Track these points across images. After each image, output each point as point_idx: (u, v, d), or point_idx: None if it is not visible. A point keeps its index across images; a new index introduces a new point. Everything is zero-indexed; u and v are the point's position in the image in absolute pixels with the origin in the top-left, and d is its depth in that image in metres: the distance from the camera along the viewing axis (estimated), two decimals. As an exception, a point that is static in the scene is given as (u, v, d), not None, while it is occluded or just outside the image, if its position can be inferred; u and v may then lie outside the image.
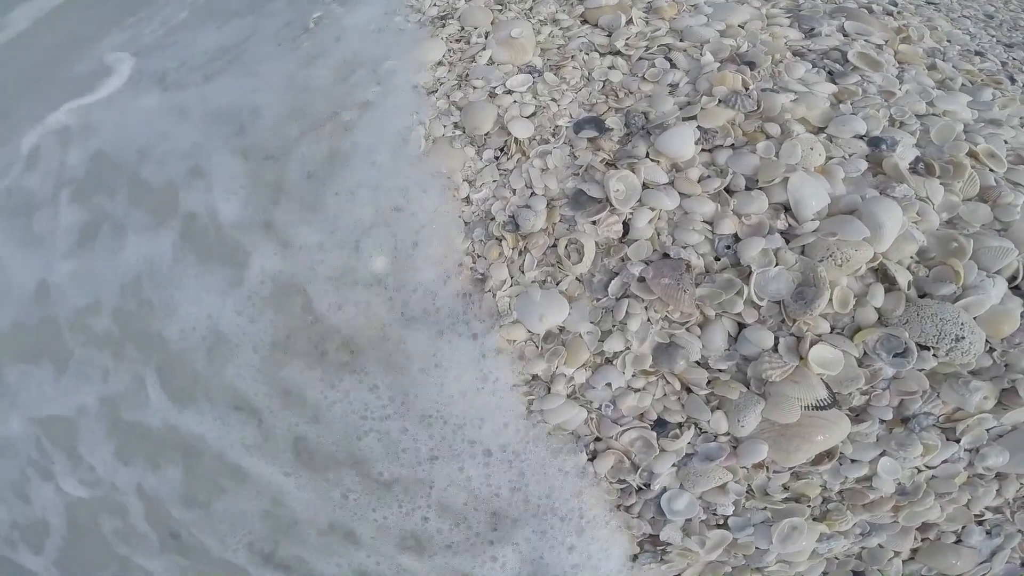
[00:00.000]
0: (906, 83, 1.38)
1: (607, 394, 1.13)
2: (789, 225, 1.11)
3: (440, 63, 1.47)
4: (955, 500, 1.13)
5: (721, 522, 1.15)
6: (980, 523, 1.16)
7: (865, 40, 1.48)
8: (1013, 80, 1.57)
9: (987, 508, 1.15)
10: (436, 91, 1.42)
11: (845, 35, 1.50)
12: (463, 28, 1.53)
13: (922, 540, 1.17)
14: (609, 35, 1.44)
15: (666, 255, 1.13)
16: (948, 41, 1.64)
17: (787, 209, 1.12)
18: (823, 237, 1.06)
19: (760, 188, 1.13)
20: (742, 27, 1.45)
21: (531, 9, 1.55)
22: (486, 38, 1.49)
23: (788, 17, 1.51)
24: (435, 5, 1.61)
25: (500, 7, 1.56)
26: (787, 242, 1.10)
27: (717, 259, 1.12)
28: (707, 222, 1.14)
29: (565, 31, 1.48)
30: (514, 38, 1.43)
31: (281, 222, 1.37)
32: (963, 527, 1.15)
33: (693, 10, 1.48)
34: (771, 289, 1.07)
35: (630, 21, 1.44)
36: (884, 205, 1.07)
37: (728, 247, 1.11)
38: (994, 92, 1.44)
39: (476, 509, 1.22)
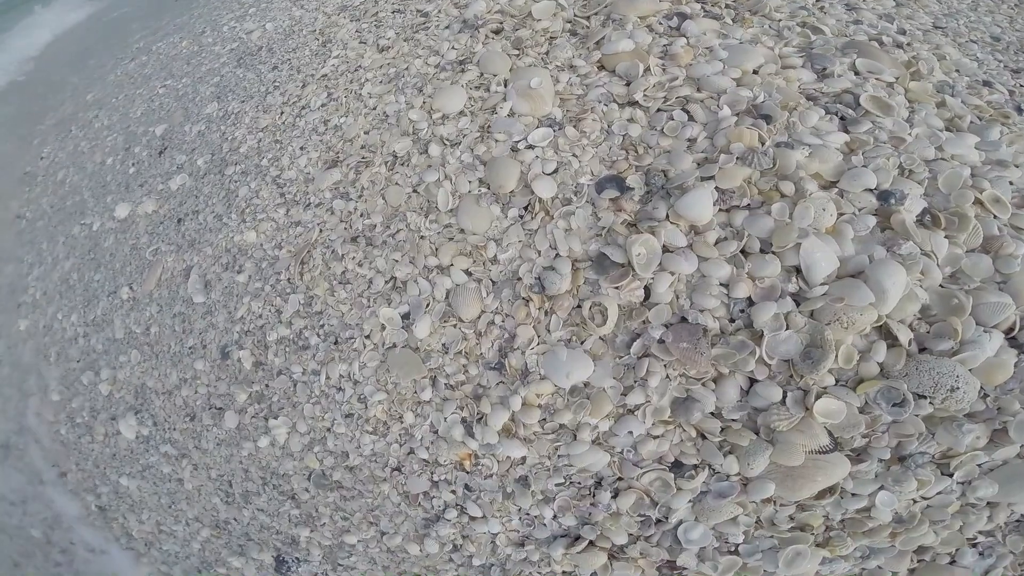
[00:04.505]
0: (916, 126, 1.41)
1: (629, 440, 1.24)
2: (800, 288, 1.18)
3: (462, 113, 1.51)
4: (949, 526, 1.22)
5: (732, 549, 1.26)
6: (973, 545, 1.24)
7: (876, 79, 1.51)
8: (1020, 110, 1.60)
9: (980, 532, 1.23)
10: (459, 143, 1.46)
11: (857, 73, 1.52)
12: (482, 75, 1.56)
13: (918, 561, 1.26)
14: (627, 84, 1.46)
15: (684, 319, 1.20)
16: (957, 71, 1.66)
17: (799, 271, 1.19)
18: (831, 302, 1.14)
19: (774, 252, 1.20)
20: (756, 72, 1.47)
21: (547, 54, 1.57)
22: (505, 87, 1.52)
23: (801, 56, 1.53)
24: (453, 48, 1.64)
25: (517, 52, 1.58)
26: (797, 305, 1.17)
27: (732, 321, 1.20)
28: (723, 285, 1.20)
29: (583, 79, 1.50)
30: (533, 88, 1.46)
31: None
32: (957, 549, 1.24)
33: (708, 54, 1.50)
34: (781, 350, 1.15)
35: (647, 70, 1.45)
36: (889, 269, 1.14)
37: (742, 310, 1.19)
38: (1002, 129, 1.47)
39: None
